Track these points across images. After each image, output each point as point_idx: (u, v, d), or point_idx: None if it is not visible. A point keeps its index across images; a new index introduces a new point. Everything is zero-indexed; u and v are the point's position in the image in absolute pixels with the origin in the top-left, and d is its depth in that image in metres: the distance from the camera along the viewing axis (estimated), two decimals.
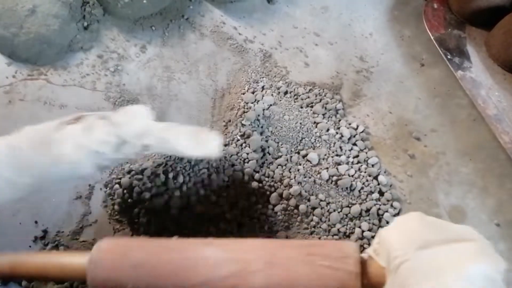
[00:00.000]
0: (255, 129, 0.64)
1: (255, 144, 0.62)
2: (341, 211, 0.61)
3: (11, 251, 0.41)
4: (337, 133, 0.68)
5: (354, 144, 0.67)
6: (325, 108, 0.70)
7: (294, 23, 0.81)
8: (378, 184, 0.64)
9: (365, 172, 0.64)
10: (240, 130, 0.64)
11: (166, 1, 0.76)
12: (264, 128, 0.65)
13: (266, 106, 0.66)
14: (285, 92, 0.71)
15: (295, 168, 0.63)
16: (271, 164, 0.63)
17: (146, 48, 0.74)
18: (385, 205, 0.62)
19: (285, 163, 0.63)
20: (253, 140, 0.63)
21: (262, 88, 0.70)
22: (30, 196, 0.43)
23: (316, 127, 0.67)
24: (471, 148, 0.69)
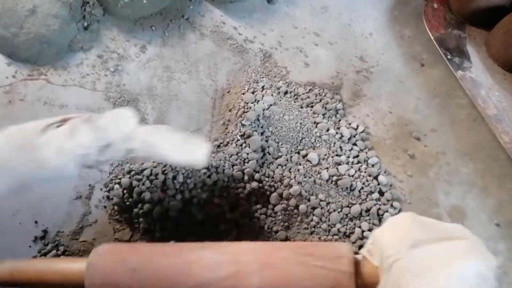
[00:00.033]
0: (255, 129, 0.64)
1: (255, 144, 0.62)
2: (341, 211, 0.61)
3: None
4: (337, 133, 0.68)
5: (354, 144, 0.67)
6: (325, 108, 0.70)
7: (294, 23, 0.81)
8: (378, 184, 0.64)
9: (365, 172, 0.64)
10: (240, 130, 0.64)
11: (166, 1, 0.76)
12: (264, 128, 0.65)
13: (266, 106, 0.66)
14: (285, 92, 0.71)
15: (295, 168, 0.63)
16: (271, 164, 0.63)
17: (146, 48, 0.74)
18: (385, 205, 0.62)
19: (285, 163, 0.63)
20: (253, 140, 0.63)
21: (262, 88, 0.70)
22: (14, 196, 0.42)
23: (316, 127, 0.67)
24: (471, 148, 0.69)
